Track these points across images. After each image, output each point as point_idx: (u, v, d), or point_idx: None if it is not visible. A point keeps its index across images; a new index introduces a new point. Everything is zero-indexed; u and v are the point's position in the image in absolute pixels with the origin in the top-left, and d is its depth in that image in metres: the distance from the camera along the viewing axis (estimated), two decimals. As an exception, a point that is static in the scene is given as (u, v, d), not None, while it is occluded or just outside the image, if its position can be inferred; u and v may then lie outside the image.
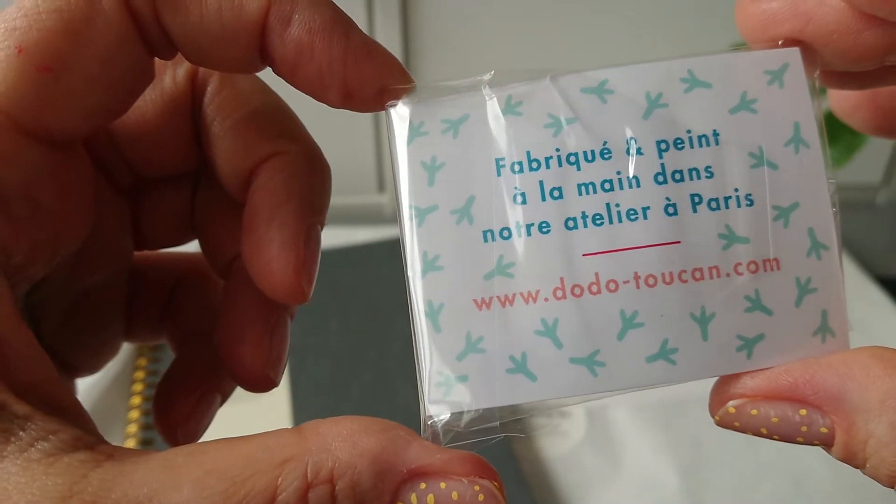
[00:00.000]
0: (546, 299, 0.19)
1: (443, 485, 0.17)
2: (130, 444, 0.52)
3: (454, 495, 0.17)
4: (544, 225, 0.19)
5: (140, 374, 0.56)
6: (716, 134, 0.19)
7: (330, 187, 0.23)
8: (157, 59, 0.20)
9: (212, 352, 0.25)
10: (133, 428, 0.53)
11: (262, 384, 0.23)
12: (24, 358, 0.18)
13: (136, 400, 0.54)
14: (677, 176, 0.19)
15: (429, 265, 0.19)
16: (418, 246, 0.19)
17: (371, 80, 0.19)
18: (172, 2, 0.19)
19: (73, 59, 0.18)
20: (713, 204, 0.19)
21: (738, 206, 0.19)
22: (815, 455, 0.53)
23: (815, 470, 0.52)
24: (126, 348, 0.56)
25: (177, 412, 0.25)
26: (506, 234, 0.19)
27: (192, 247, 0.27)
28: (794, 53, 0.19)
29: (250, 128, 0.22)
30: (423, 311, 0.19)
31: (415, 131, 0.20)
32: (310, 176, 0.22)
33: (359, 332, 0.58)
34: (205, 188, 0.25)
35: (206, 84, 0.23)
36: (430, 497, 0.17)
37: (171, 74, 0.23)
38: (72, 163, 0.20)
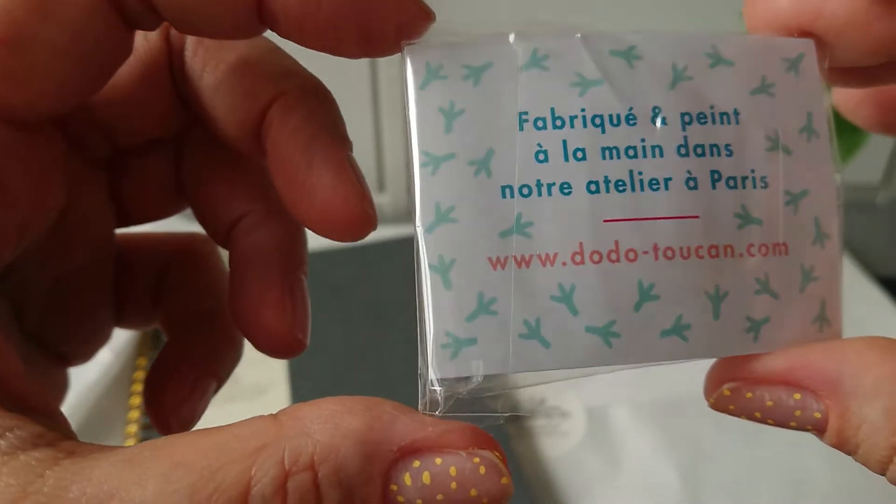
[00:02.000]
0: (564, 263, 0.18)
1: (438, 460, 0.16)
2: (130, 444, 0.52)
3: (452, 471, 0.16)
4: (566, 186, 0.18)
5: (140, 374, 0.56)
6: (736, 113, 0.19)
7: (340, 113, 0.22)
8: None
9: (206, 335, 0.24)
10: (133, 428, 0.53)
11: (291, 348, 0.22)
12: None
13: (136, 400, 0.54)
14: (699, 150, 0.18)
15: (442, 216, 0.18)
16: (431, 194, 0.18)
17: (390, 17, 0.18)
18: None
19: (35, 32, 0.17)
20: (731, 182, 0.18)
21: (754, 186, 0.19)
22: (814, 455, 0.53)
23: (814, 470, 0.52)
24: (126, 348, 0.56)
25: (169, 398, 0.23)
26: (525, 191, 0.18)
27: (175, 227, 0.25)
28: (810, 45, 0.19)
29: (245, 72, 0.21)
30: (433, 265, 0.17)
31: (433, 73, 0.18)
32: (322, 107, 0.21)
33: (359, 332, 0.58)
34: (191, 151, 0.24)
35: (182, 38, 0.21)
36: (426, 475, 0.16)
37: (141, 34, 0.21)
38: (40, 141, 0.19)
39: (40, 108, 0.18)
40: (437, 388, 0.17)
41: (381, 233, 0.21)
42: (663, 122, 0.18)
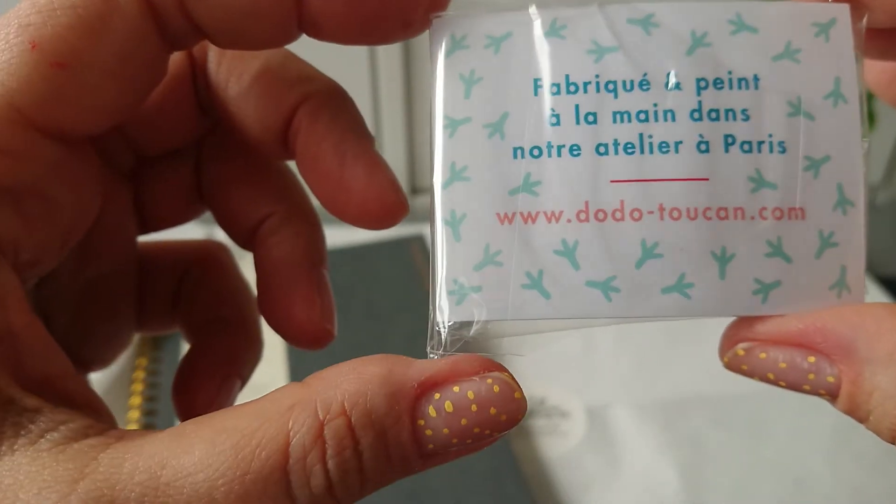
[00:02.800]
0: (569, 220, 0.19)
1: (456, 388, 0.17)
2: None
3: (470, 394, 0.17)
4: (575, 148, 0.19)
5: (140, 374, 0.56)
6: (756, 78, 0.19)
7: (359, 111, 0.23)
8: None
9: (228, 337, 0.26)
10: (133, 427, 0.53)
11: (322, 339, 0.24)
12: (36, 353, 0.18)
13: (137, 400, 0.54)
14: (713, 115, 0.19)
15: (456, 175, 0.19)
16: (447, 155, 0.19)
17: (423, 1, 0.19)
18: None
19: (88, 56, 0.18)
20: (746, 146, 0.19)
21: (771, 151, 0.19)
22: (815, 455, 0.53)
23: (815, 470, 0.52)
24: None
25: (200, 399, 0.25)
26: (536, 152, 0.19)
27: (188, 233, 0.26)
28: (844, 10, 0.19)
29: (269, 80, 0.22)
30: (445, 219, 0.19)
31: (457, 44, 0.20)
32: (345, 107, 0.22)
33: (359, 332, 0.58)
34: (210, 157, 0.25)
35: (205, 49, 0.22)
36: (448, 403, 0.17)
37: None
38: (80, 156, 0.20)
39: (87, 127, 0.19)
40: (444, 331, 0.19)
41: (381, 233, 0.22)
42: (677, 86, 0.19)
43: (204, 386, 0.25)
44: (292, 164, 0.24)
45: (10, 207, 0.18)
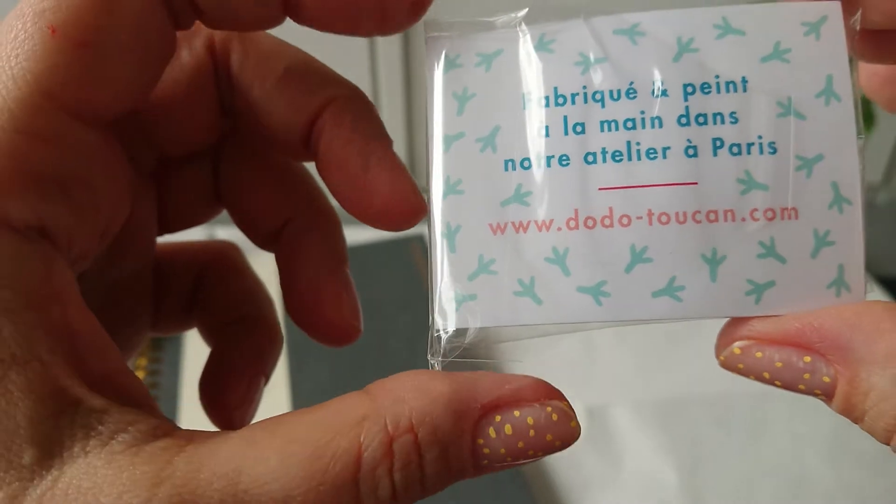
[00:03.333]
0: (559, 228, 0.19)
1: (517, 413, 0.18)
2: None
3: (529, 420, 0.18)
4: (564, 158, 0.19)
5: (140, 374, 0.56)
6: (744, 81, 0.19)
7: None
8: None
9: (250, 337, 0.26)
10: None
11: (351, 336, 0.25)
12: (96, 350, 0.18)
13: (137, 400, 0.54)
14: (701, 119, 0.19)
15: (450, 188, 0.20)
16: (442, 170, 0.20)
17: None
18: None
19: (106, 33, 0.18)
20: (734, 149, 0.19)
21: (761, 153, 0.19)
22: (815, 455, 0.53)
23: (815, 470, 0.51)
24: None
25: (230, 399, 0.25)
26: (526, 164, 0.20)
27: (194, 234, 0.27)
28: (835, 7, 0.19)
29: (292, 84, 0.22)
30: (442, 231, 0.20)
31: (450, 63, 0.20)
32: (367, 111, 0.23)
33: (359, 332, 0.58)
34: (230, 159, 0.25)
35: (228, 52, 0.23)
36: (508, 427, 0.18)
37: (187, 48, 0.23)
38: (111, 144, 0.20)
39: (114, 107, 0.19)
40: (443, 338, 0.19)
41: (381, 233, 0.22)
42: (664, 93, 0.19)
43: (233, 387, 0.25)
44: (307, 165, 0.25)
45: (61, 198, 0.18)
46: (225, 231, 0.26)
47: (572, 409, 0.18)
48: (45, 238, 0.18)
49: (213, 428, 0.25)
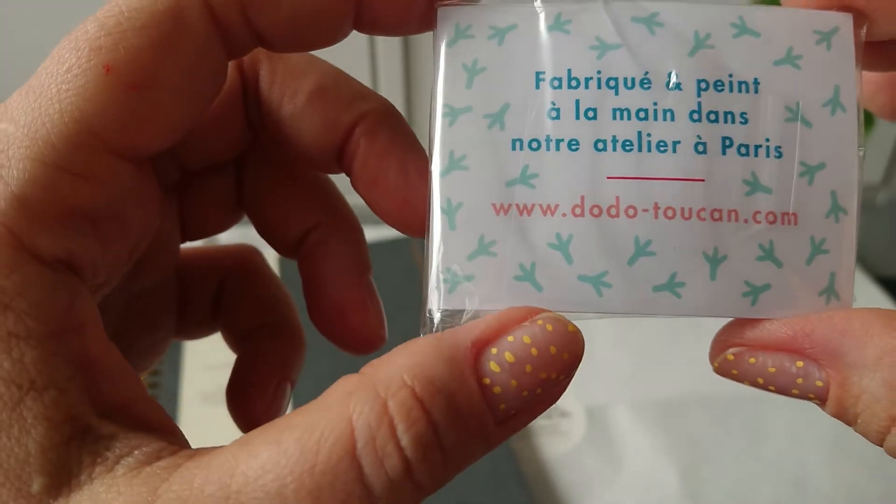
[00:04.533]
0: (564, 214, 0.19)
1: (510, 338, 0.17)
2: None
3: (526, 339, 0.17)
4: (574, 142, 0.19)
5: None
6: (756, 82, 0.19)
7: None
8: None
9: (276, 343, 0.26)
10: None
11: (377, 343, 0.24)
12: (114, 378, 0.18)
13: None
14: (712, 116, 0.19)
15: (454, 163, 0.19)
16: (447, 143, 0.19)
17: None
18: (262, 1, 0.18)
19: (160, 76, 0.18)
20: (743, 149, 0.19)
21: (767, 155, 0.19)
22: (815, 455, 0.53)
23: (815, 470, 0.52)
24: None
25: (258, 406, 0.25)
26: (534, 145, 0.19)
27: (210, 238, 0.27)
28: (847, 19, 0.19)
29: (323, 100, 0.22)
30: (442, 207, 0.19)
31: (460, 33, 0.20)
32: (400, 125, 0.23)
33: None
34: (253, 169, 0.25)
35: (256, 70, 0.23)
36: (507, 354, 0.17)
37: None
38: (146, 175, 0.20)
39: (158, 146, 0.19)
40: (436, 318, 0.19)
41: (381, 233, 0.22)
42: (678, 86, 0.19)
43: (260, 393, 0.25)
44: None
45: (90, 231, 0.18)
46: (226, 234, 0.26)
47: (564, 317, 0.18)
48: (70, 269, 0.18)
49: (214, 429, 0.25)
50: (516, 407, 0.17)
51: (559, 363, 0.17)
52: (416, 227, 0.22)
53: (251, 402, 0.25)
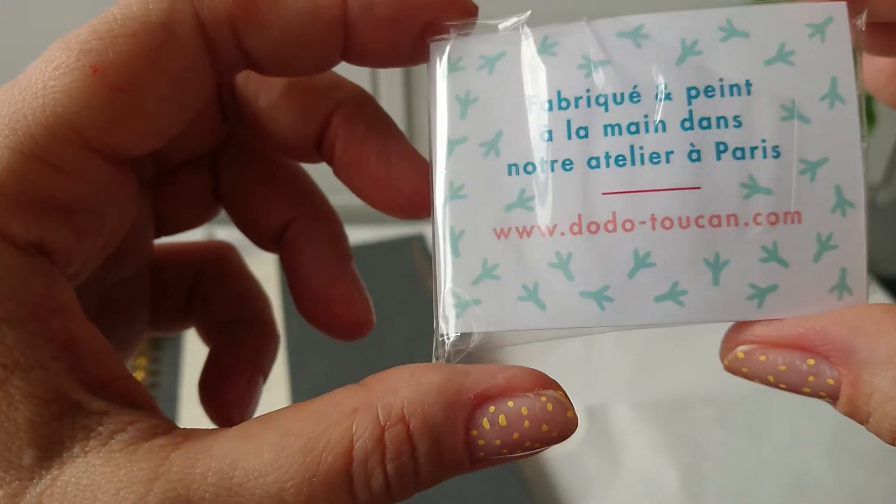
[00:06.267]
0: (562, 233, 0.19)
1: (511, 403, 0.18)
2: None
3: (524, 410, 0.18)
4: (567, 162, 0.19)
5: (140, 375, 0.56)
6: (748, 84, 0.19)
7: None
8: None
9: (248, 337, 0.26)
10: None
11: (365, 329, 0.25)
12: (97, 357, 0.18)
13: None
14: (704, 123, 0.19)
15: (454, 193, 0.20)
16: (445, 174, 0.20)
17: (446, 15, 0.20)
18: (252, 23, 0.19)
19: (146, 83, 0.18)
20: (738, 153, 0.19)
21: (764, 156, 0.19)
22: (815, 455, 0.53)
23: (815, 470, 0.52)
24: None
25: (229, 397, 0.26)
26: (529, 168, 0.20)
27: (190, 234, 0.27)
28: (840, 8, 0.19)
29: (301, 89, 0.23)
30: (445, 235, 0.20)
31: (453, 66, 0.20)
32: (377, 111, 0.23)
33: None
34: (229, 163, 0.25)
35: None
36: (502, 417, 0.18)
37: None
38: (125, 174, 0.21)
39: (138, 149, 0.20)
40: (447, 342, 0.19)
41: (381, 233, 0.23)
42: (667, 97, 0.19)
43: (232, 386, 0.26)
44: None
45: (65, 222, 0.19)
46: (224, 231, 0.26)
47: (569, 400, 0.18)
48: (44, 254, 0.18)
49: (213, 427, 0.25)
50: (493, 457, 0.18)
51: (545, 438, 0.18)
52: (401, 208, 0.22)
53: (223, 394, 0.26)
